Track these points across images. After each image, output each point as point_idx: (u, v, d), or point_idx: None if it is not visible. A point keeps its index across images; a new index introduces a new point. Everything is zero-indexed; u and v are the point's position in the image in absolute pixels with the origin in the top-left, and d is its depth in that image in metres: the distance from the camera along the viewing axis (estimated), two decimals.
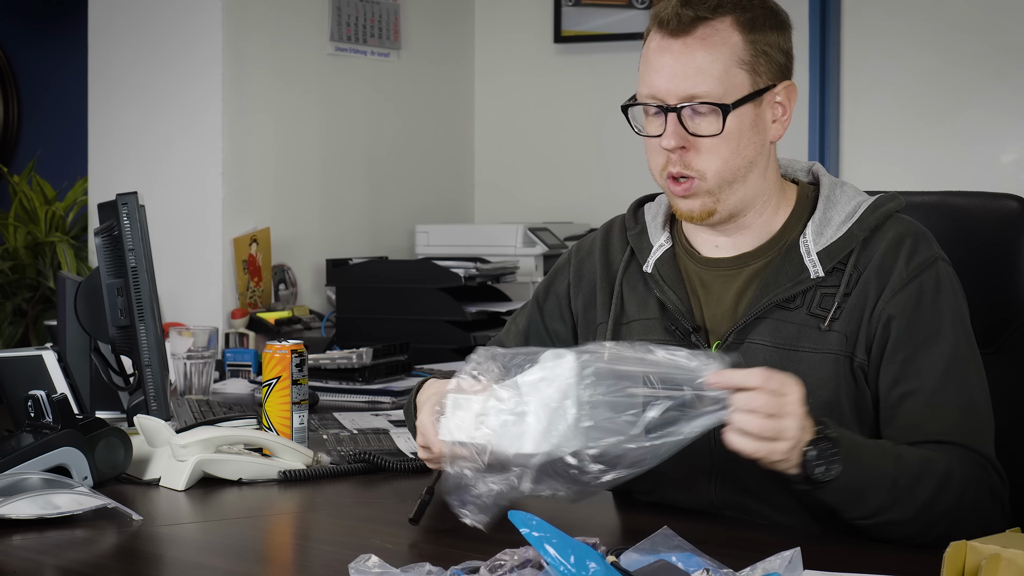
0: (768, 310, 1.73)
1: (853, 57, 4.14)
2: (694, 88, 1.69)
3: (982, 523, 1.61)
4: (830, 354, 1.71)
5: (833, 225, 1.75)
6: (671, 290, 1.80)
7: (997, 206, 1.97)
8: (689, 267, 1.82)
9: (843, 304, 1.72)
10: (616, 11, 4.43)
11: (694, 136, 1.71)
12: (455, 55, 4.65)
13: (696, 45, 1.70)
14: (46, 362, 2.16)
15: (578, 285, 1.91)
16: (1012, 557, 1.25)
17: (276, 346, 2.11)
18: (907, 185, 2.15)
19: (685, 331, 1.77)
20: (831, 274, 1.73)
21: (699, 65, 1.69)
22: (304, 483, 1.93)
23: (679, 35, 1.70)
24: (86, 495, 1.69)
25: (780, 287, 1.73)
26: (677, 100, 1.70)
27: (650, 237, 1.86)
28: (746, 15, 1.72)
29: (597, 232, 1.95)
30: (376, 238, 4.28)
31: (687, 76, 1.69)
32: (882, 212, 1.75)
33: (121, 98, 3.84)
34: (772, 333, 1.73)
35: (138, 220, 2.23)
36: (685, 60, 1.70)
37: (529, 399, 1.50)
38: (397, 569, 1.28)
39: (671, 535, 1.35)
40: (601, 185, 4.42)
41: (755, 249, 1.78)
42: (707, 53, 1.70)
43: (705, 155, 1.71)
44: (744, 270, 1.78)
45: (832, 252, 1.73)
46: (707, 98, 1.69)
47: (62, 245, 4.50)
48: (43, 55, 5.59)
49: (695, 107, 1.70)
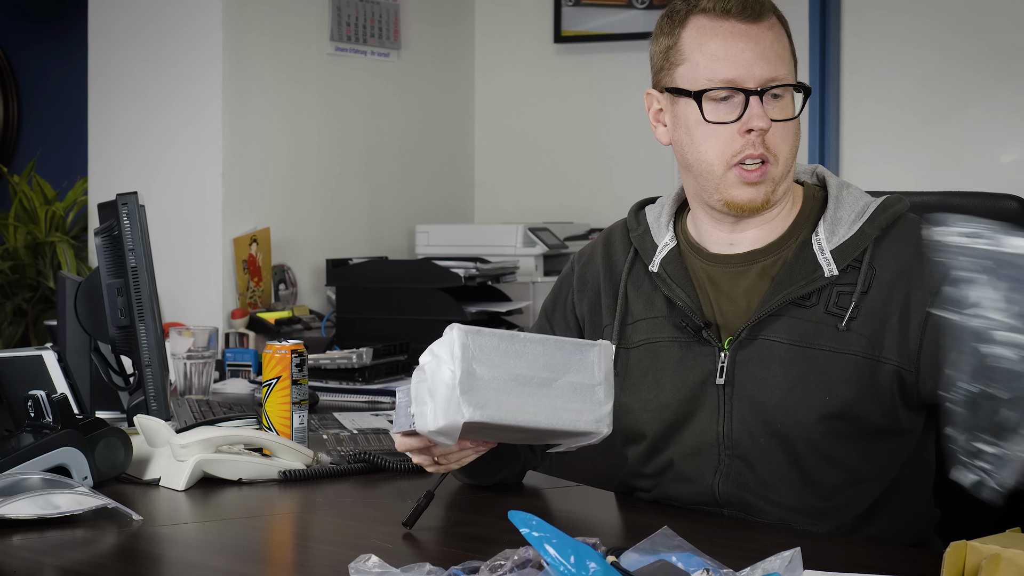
0: (783, 307, 1.73)
1: (853, 57, 4.14)
2: (775, 71, 1.72)
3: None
4: (850, 355, 1.70)
5: (844, 224, 1.75)
6: (679, 287, 1.80)
7: (996, 206, 1.98)
8: (695, 264, 1.82)
9: (860, 303, 1.71)
10: (616, 11, 4.43)
11: (772, 121, 1.73)
12: (455, 55, 4.65)
13: (768, 31, 1.74)
14: (46, 362, 2.16)
15: (582, 291, 1.92)
16: (1012, 557, 1.25)
17: (276, 346, 2.11)
18: (907, 185, 2.15)
19: (696, 327, 1.77)
20: (845, 272, 1.73)
21: (776, 50, 1.73)
22: (304, 483, 1.93)
23: (754, 21, 1.73)
24: (86, 495, 1.69)
25: (795, 284, 1.73)
26: (757, 83, 1.72)
27: (654, 237, 1.86)
28: (781, 14, 1.78)
29: (598, 238, 1.96)
30: (376, 238, 4.28)
31: (769, 59, 1.72)
32: (892, 212, 1.76)
33: (121, 98, 3.84)
34: (788, 330, 1.72)
35: (138, 220, 2.23)
36: (765, 44, 1.72)
37: (431, 378, 1.54)
38: (397, 569, 1.28)
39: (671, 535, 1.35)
40: (601, 185, 4.42)
41: (765, 246, 1.79)
42: (778, 39, 1.74)
43: (779, 139, 1.74)
44: (753, 267, 1.78)
45: (845, 251, 1.74)
46: (786, 80, 1.73)
47: (62, 245, 4.50)
48: (43, 55, 5.59)
49: (774, 91, 1.72)
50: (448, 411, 1.51)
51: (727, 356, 1.75)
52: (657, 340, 1.81)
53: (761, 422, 1.73)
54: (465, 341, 1.52)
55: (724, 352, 1.75)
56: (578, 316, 1.92)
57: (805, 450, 1.70)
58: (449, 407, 1.51)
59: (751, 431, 1.73)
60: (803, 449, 1.70)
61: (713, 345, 1.76)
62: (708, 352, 1.77)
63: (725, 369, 1.74)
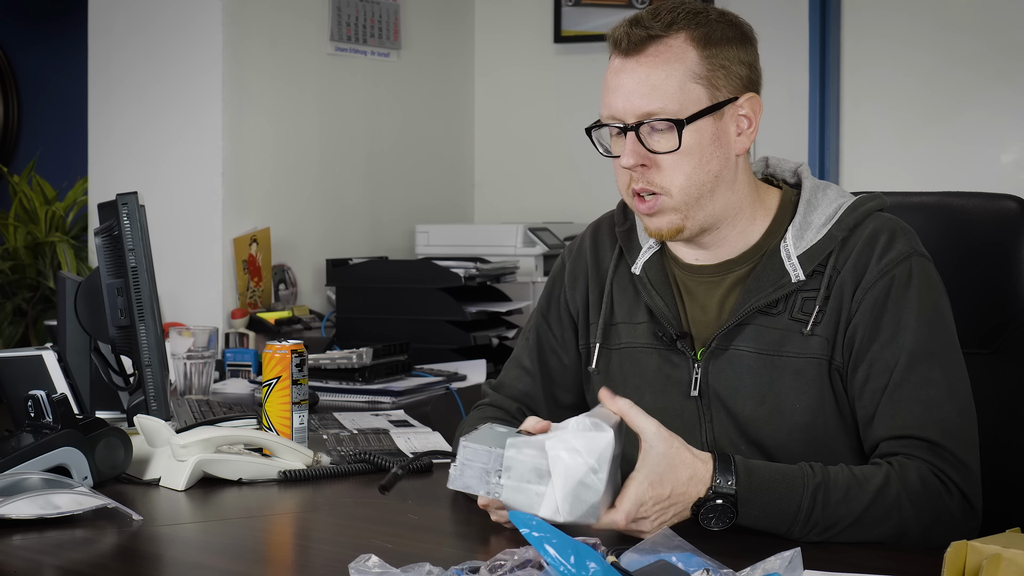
0: (751, 316, 1.73)
1: (853, 57, 4.14)
2: (649, 105, 1.70)
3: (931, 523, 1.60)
4: (813, 359, 1.71)
5: (813, 228, 1.75)
6: (658, 295, 1.81)
7: (996, 207, 1.97)
8: (676, 272, 1.83)
9: (824, 307, 1.72)
10: (616, 11, 4.43)
11: (654, 153, 1.71)
12: (455, 55, 4.65)
13: (649, 63, 1.71)
14: (46, 362, 2.15)
15: (573, 286, 1.92)
16: (1012, 557, 1.25)
17: (276, 346, 2.11)
18: (907, 185, 2.15)
19: (671, 337, 1.78)
20: (812, 277, 1.73)
21: (653, 83, 1.70)
22: (304, 483, 1.93)
23: (632, 54, 1.72)
24: (86, 495, 1.69)
25: (762, 292, 1.73)
26: (635, 118, 1.71)
27: (639, 237, 1.87)
28: (701, 30, 1.72)
29: (585, 231, 1.96)
30: (376, 238, 4.28)
31: (642, 94, 1.70)
32: (861, 211, 1.75)
33: (121, 98, 3.83)
34: (756, 339, 1.73)
35: (138, 220, 2.23)
36: (639, 78, 1.71)
37: (554, 467, 1.47)
38: (397, 569, 1.28)
39: (671, 535, 1.35)
40: (601, 185, 4.39)
41: (738, 256, 1.79)
42: (660, 70, 1.70)
43: (667, 172, 1.72)
44: (728, 277, 1.79)
45: (812, 255, 1.73)
46: (662, 114, 1.70)
47: (62, 245, 4.50)
48: (43, 55, 5.59)
49: (652, 124, 1.70)
50: (577, 511, 1.47)
51: (700, 367, 1.75)
52: (636, 346, 1.82)
53: (739, 431, 1.74)
54: (616, 452, 1.49)
55: (697, 363, 1.76)
56: (572, 313, 1.93)
57: (785, 456, 1.69)
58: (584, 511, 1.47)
59: (732, 440, 1.74)
60: (783, 456, 1.70)
61: (687, 356, 1.77)
62: (683, 362, 1.78)
63: (699, 380, 1.75)
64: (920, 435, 1.64)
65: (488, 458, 1.50)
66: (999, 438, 1.81)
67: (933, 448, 1.63)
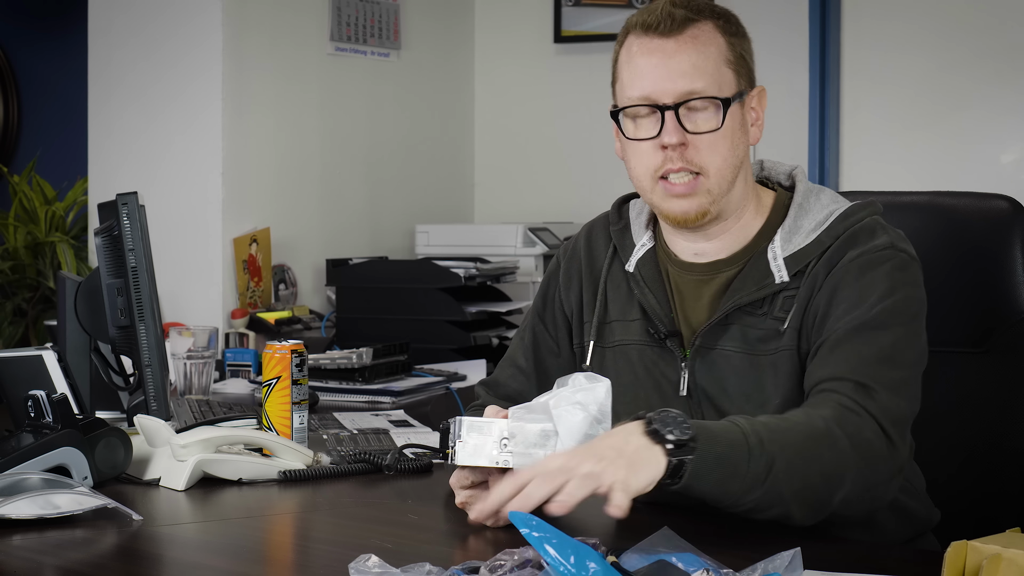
0: (736, 316, 1.74)
1: (853, 57, 4.14)
2: (691, 84, 1.71)
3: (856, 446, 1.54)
4: (785, 351, 1.71)
5: (802, 232, 1.75)
6: (651, 292, 1.81)
7: (987, 206, 1.97)
8: (669, 270, 1.83)
9: (798, 302, 1.72)
10: (616, 11, 4.43)
11: (693, 134, 1.71)
12: (455, 55, 4.65)
13: (690, 44, 1.72)
14: (46, 362, 2.16)
15: (568, 286, 1.93)
16: (1013, 557, 1.25)
17: (276, 346, 2.11)
18: (906, 185, 2.15)
19: (662, 335, 1.78)
20: (795, 278, 1.73)
21: (694, 62, 1.71)
22: (304, 483, 1.93)
23: (671, 35, 1.72)
24: (86, 495, 1.69)
25: (745, 291, 1.73)
26: (673, 98, 1.71)
27: (633, 236, 1.87)
28: (722, 20, 1.75)
29: (580, 232, 1.96)
30: (376, 238, 4.28)
31: (684, 73, 1.71)
32: (851, 221, 1.74)
33: (121, 98, 3.84)
34: (740, 339, 1.73)
35: (138, 220, 2.23)
36: (680, 58, 1.71)
37: (560, 423, 1.52)
38: (397, 569, 1.28)
39: (671, 535, 1.35)
40: (601, 185, 4.41)
41: (729, 257, 1.79)
42: (701, 51, 1.72)
43: (705, 152, 1.72)
44: (717, 277, 1.79)
45: (798, 258, 1.73)
46: (705, 93, 1.71)
47: (62, 245, 4.50)
48: (43, 55, 5.59)
49: (692, 104, 1.71)
50: None
51: (687, 367, 1.76)
52: (629, 343, 1.82)
53: None
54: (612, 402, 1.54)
55: (685, 362, 1.76)
56: (567, 312, 1.93)
57: None
58: None
59: None
60: None
61: (676, 354, 1.77)
62: (672, 361, 1.78)
63: (687, 380, 1.76)
64: (849, 376, 1.60)
65: (491, 428, 1.56)
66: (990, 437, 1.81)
67: (858, 387, 1.59)
